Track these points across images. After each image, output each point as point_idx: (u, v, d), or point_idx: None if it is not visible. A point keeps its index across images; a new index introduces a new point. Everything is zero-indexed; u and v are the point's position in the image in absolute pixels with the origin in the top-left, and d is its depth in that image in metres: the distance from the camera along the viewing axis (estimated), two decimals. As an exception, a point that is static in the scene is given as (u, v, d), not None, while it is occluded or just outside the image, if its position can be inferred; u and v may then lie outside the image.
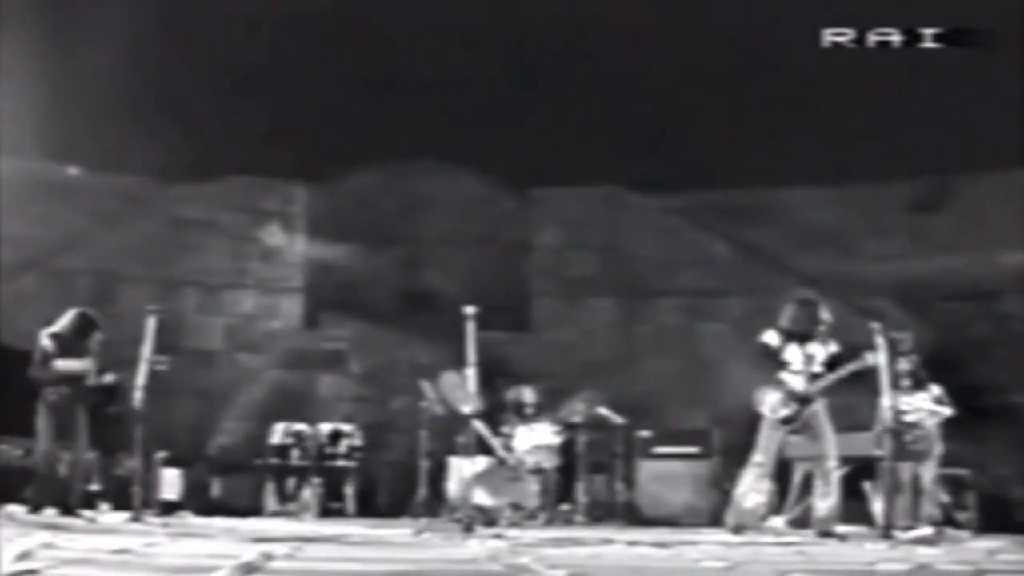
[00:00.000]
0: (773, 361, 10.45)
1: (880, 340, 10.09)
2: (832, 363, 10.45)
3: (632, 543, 8.54)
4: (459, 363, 15.73)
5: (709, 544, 8.62)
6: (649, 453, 14.39)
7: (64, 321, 11.34)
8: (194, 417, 16.37)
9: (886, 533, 9.77)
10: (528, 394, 13.87)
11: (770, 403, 10.46)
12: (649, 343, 17.34)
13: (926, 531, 10.71)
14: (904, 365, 11.32)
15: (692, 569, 6.08)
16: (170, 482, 13.82)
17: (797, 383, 10.40)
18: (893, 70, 13.11)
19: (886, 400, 10.16)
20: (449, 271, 17.44)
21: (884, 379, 10.10)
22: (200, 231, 17.36)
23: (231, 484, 14.59)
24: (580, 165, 16.34)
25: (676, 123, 15.50)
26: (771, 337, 10.51)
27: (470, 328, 10.16)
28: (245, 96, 15.26)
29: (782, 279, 16.04)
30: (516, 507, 12.76)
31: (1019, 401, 14.35)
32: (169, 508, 13.08)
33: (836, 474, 10.33)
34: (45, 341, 11.16)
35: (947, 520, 11.70)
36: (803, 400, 10.40)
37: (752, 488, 10.43)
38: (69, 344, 11.21)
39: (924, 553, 7.74)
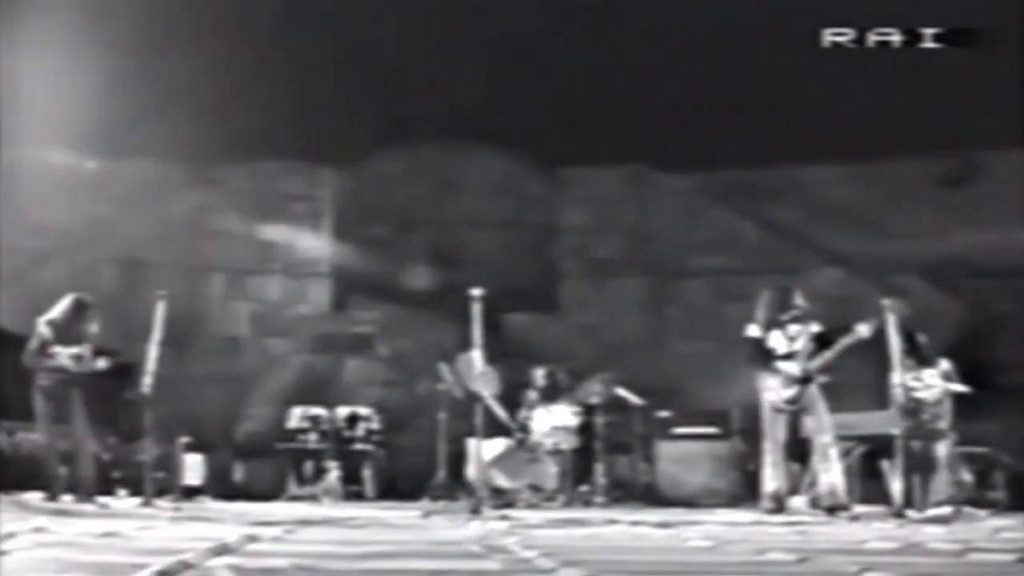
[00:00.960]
0: (761, 352, 10.70)
1: (889, 315, 10.05)
2: (820, 341, 10.60)
3: (635, 523, 8.50)
4: (490, 344, 16.27)
5: (714, 525, 8.57)
6: (669, 434, 14.29)
7: (60, 307, 11.28)
8: (222, 403, 16.39)
9: (900, 512, 9.78)
10: (540, 376, 13.83)
11: (773, 388, 10.65)
12: (676, 323, 17.27)
13: (943, 510, 10.53)
14: (912, 341, 11.22)
15: (676, 548, 6.06)
16: (192, 467, 13.82)
17: (791, 367, 10.56)
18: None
19: (896, 377, 10.14)
20: (476, 253, 17.41)
21: (895, 354, 10.13)
22: (226, 216, 17.27)
23: (254, 469, 14.59)
24: (606, 145, 16.28)
25: (701, 102, 15.25)
26: (753, 330, 10.78)
27: (476, 310, 10.23)
28: (269, 80, 15.13)
29: (808, 258, 16.21)
30: (535, 488, 12.73)
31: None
32: (191, 493, 13.10)
33: (834, 449, 10.43)
34: (42, 328, 11.13)
35: (973, 499, 11.56)
36: (804, 380, 10.55)
37: (769, 474, 10.63)
38: (66, 330, 11.16)
39: (928, 532, 7.66)
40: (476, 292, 10.25)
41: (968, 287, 15.76)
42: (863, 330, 10.19)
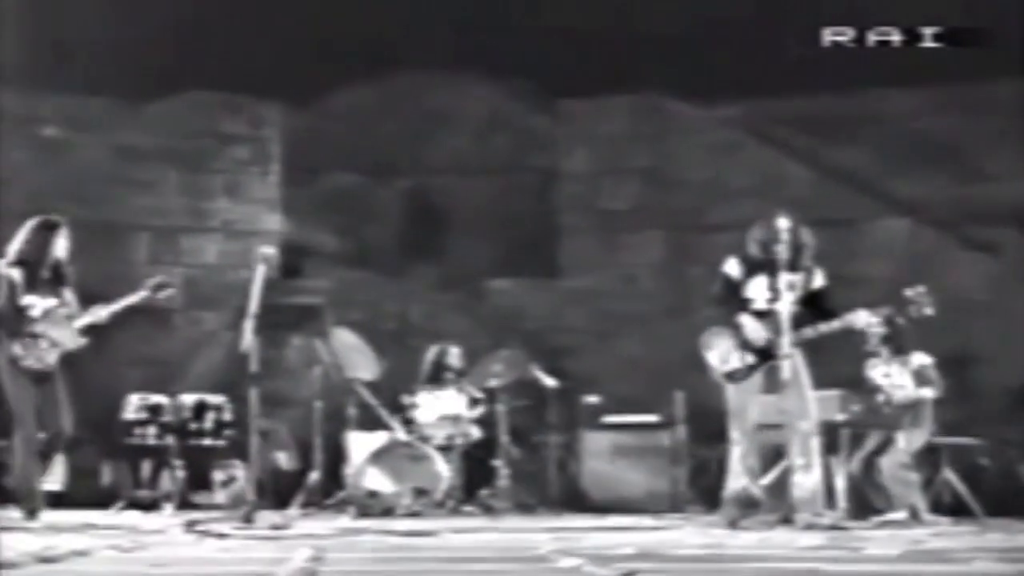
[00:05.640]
0: (733, 297, 8.95)
1: None
2: (812, 300, 8.88)
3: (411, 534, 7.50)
4: (466, 315, 14.97)
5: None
6: (597, 424, 12.90)
7: (23, 238, 9.43)
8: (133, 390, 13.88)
9: (788, 517, 8.67)
10: (454, 356, 12.22)
11: (719, 352, 8.91)
12: (700, 288, 14.74)
13: (897, 516, 10.00)
14: (879, 328, 9.91)
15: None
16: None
17: (755, 331, 8.75)
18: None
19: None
20: (460, 205, 15.97)
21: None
22: (152, 162, 15.42)
23: (121, 470, 12.79)
24: (614, 70, 14.45)
25: (734, 10, 13.56)
26: (732, 267, 9.06)
27: (259, 272, 9.60)
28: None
29: (873, 207, 14.63)
30: (420, 492, 11.18)
31: None
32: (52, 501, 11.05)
33: (816, 441, 8.80)
34: (6, 270, 9.21)
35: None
36: (762, 353, 8.73)
37: (737, 471, 8.91)
38: (37, 271, 9.33)
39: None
40: (267, 250, 9.90)
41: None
42: (864, 318, 8.73)
